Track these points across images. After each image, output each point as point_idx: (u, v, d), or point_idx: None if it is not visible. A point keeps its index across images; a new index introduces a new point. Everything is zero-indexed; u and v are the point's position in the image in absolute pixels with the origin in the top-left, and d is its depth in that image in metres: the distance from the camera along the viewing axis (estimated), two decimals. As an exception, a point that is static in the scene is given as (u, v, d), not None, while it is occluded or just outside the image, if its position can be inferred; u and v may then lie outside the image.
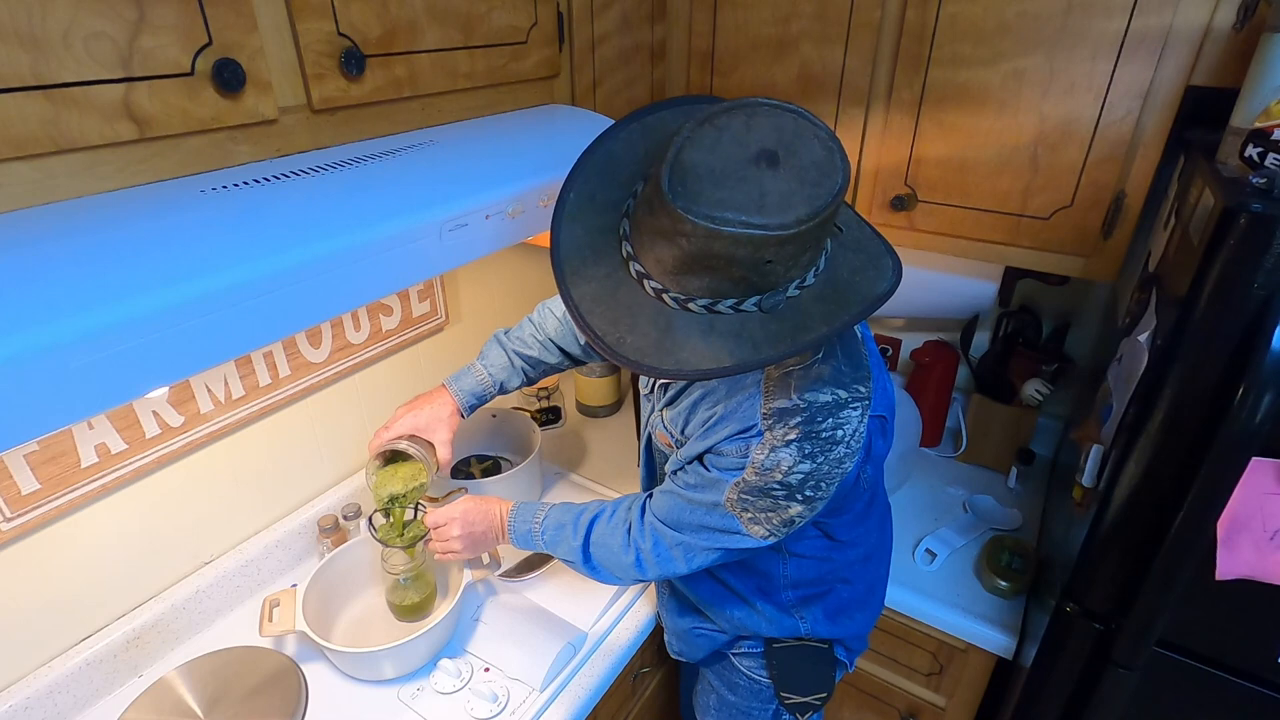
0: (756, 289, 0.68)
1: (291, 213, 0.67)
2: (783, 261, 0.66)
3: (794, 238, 0.63)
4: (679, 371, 0.68)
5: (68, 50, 0.56)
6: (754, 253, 0.64)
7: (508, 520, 1.02)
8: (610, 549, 0.93)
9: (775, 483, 0.79)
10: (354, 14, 0.77)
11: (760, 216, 0.62)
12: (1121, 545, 0.91)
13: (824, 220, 0.64)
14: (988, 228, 1.20)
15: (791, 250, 0.65)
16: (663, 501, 0.89)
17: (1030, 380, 1.47)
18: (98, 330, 0.51)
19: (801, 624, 1.02)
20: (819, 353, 0.79)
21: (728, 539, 0.85)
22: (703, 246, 0.64)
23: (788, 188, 0.64)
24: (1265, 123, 0.81)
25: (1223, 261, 0.73)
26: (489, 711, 0.99)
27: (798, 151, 0.65)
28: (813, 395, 0.78)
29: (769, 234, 0.62)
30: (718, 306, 0.69)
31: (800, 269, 0.68)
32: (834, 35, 1.19)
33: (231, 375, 1.10)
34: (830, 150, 0.66)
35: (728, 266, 0.65)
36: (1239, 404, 0.73)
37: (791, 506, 0.80)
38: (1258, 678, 0.90)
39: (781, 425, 0.78)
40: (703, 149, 0.65)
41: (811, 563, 0.97)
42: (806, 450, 0.77)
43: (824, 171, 0.65)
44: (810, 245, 0.67)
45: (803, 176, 0.64)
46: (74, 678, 0.98)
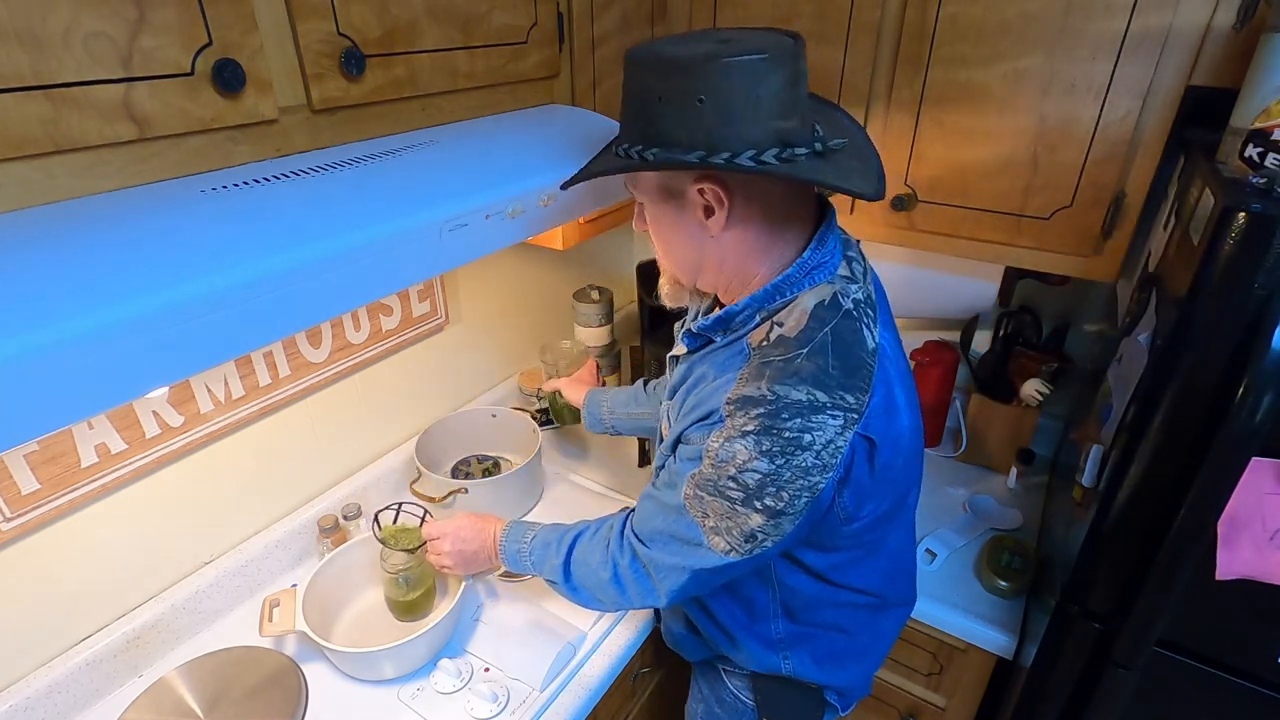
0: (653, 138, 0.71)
1: (291, 213, 0.67)
2: (673, 104, 0.68)
3: (677, 68, 0.67)
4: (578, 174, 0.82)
5: (68, 50, 0.56)
6: (648, 80, 0.69)
7: (499, 539, 1.00)
8: (590, 566, 0.89)
9: (729, 478, 0.73)
10: (354, 14, 0.77)
11: (665, 52, 0.68)
12: (1121, 545, 0.91)
13: (707, 68, 0.66)
14: (988, 228, 1.20)
15: (677, 89, 0.67)
16: (640, 510, 0.86)
17: (1030, 380, 1.46)
18: (98, 330, 0.51)
19: (784, 663, 0.96)
20: (804, 347, 0.73)
21: (693, 554, 0.79)
22: (628, 83, 0.73)
23: (709, 49, 0.67)
24: (1265, 123, 0.81)
25: (1223, 261, 0.73)
26: (489, 711, 0.99)
27: (751, 40, 0.69)
28: (784, 389, 0.71)
29: (659, 57, 0.68)
30: (631, 151, 0.73)
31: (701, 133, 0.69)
32: (834, 35, 1.19)
33: (231, 375, 1.10)
34: (777, 45, 0.68)
35: (636, 104, 0.72)
36: (1239, 404, 0.73)
37: (751, 515, 0.74)
38: (1258, 678, 0.90)
39: (742, 414, 0.72)
40: (684, 34, 0.77)
41: (803, 598, 0.91)
42: (764, 446, 0.71)
43: (747, 46, 0.67)
44: (707, 100, 0.67)
45: (731, 46, 0.68)
46: (74, 678, 0.98)
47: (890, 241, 1.31)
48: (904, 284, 1.46)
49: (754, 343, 0.76)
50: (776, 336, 0.75)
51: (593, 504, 1.40)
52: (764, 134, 0.68)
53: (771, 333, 0.76)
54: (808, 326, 0.74)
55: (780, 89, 0.68)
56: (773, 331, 0.76)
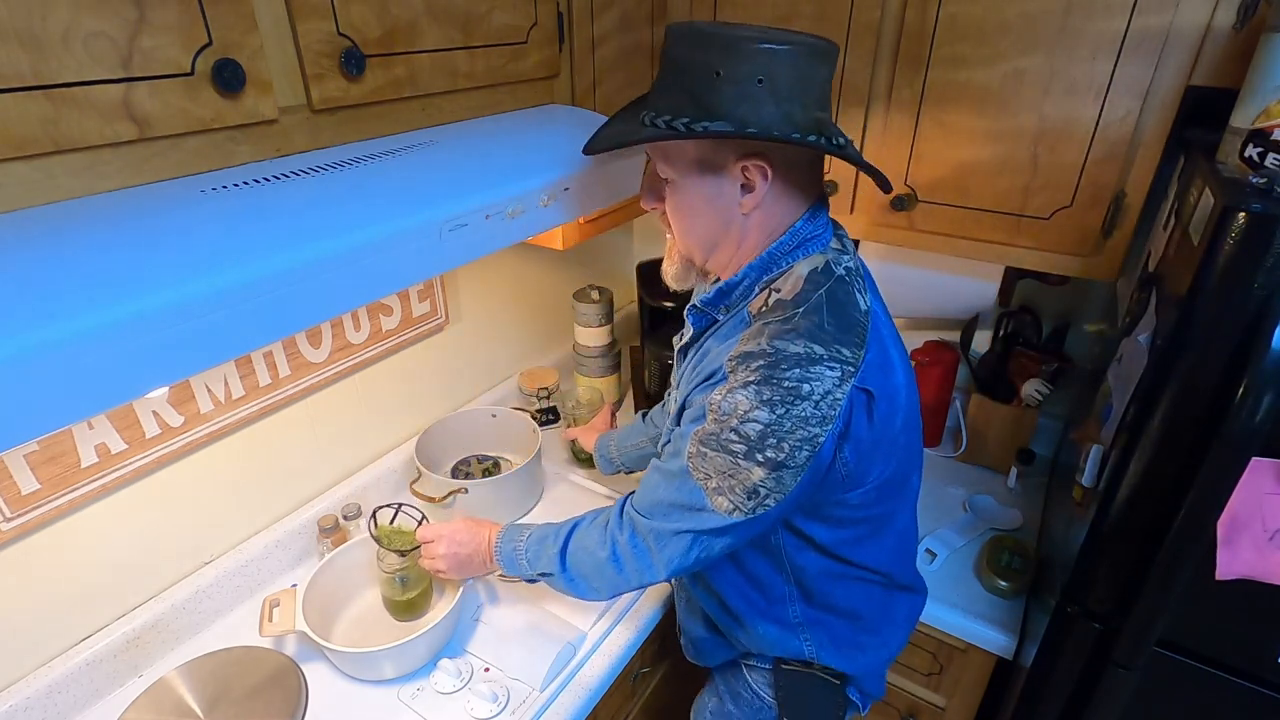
0: (706, 110, 0.72)
1: (291, 213, 0.67)
2: (731, 81, 0.70)
3: (742, 50, 0.69)
4: (603, 139, 0.82)
5: (68, 50, 0.56)
6: (705, 55, 0.70)
7: (494, 542, 1.00)
8: (587, 549, 0.91)
9: (732, 430, 0.75)
10: (354, 14, 0.77)
11: (722, 30, 0.70)
12: (1121, 545, 0.91)
13: (774, 52, 0.69)
14: (988, 228, 1.20)
15: (740, 69, 0.69)
16: (641, 486, 0.88)
17: (1030, 380, 1.46)
18: (98, 330, 0.51)
19: (806, 645, 0.97)
20: (800, 307, 0.77)
21: (695, 517, 0.80)
22: (673, 52, 0.74)
23: (759, 33, 0.70)
24: (1265, 123, 0.81)
25: (1223, 261, 0.73)
26: (489, 711, 0.99)
27: (794, 35, 0.72)
28: (782, 343, 0.75)
29: (719, 34, 0.69)
30: (675, 123, 0.73)
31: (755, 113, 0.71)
32: (834, 35, 1.19)
33: (231, 375, 1.10)
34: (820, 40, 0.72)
35: (684, 74, 0.73)
36: (1239, 404, 0.73)
37: (753, 469, 0.75)
38: (1258, 678, 0.90)
39: (744, 367, 0.76)
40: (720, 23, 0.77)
41: (814, 575, 0.92)
42: (765, 396, 0.74)
43: (800, 39, 0.70)
44: (767, 79, 0.70)
45: (779, 36, 0.70)
46: (74, 678, 0.98)
47: (890, 241, 1.31)
48: (904, 284, 1.46)
49: (754, 310, 0.81)
50: (775, 301, 0.79)
51: (593, 504, 1.40)
52: (808, 120, 0.73)
53: (770, 298, 0.80)
54: (803, 290, 0.78)
55: (826, 81, 0.75)
56: (771, 297, 0.80)
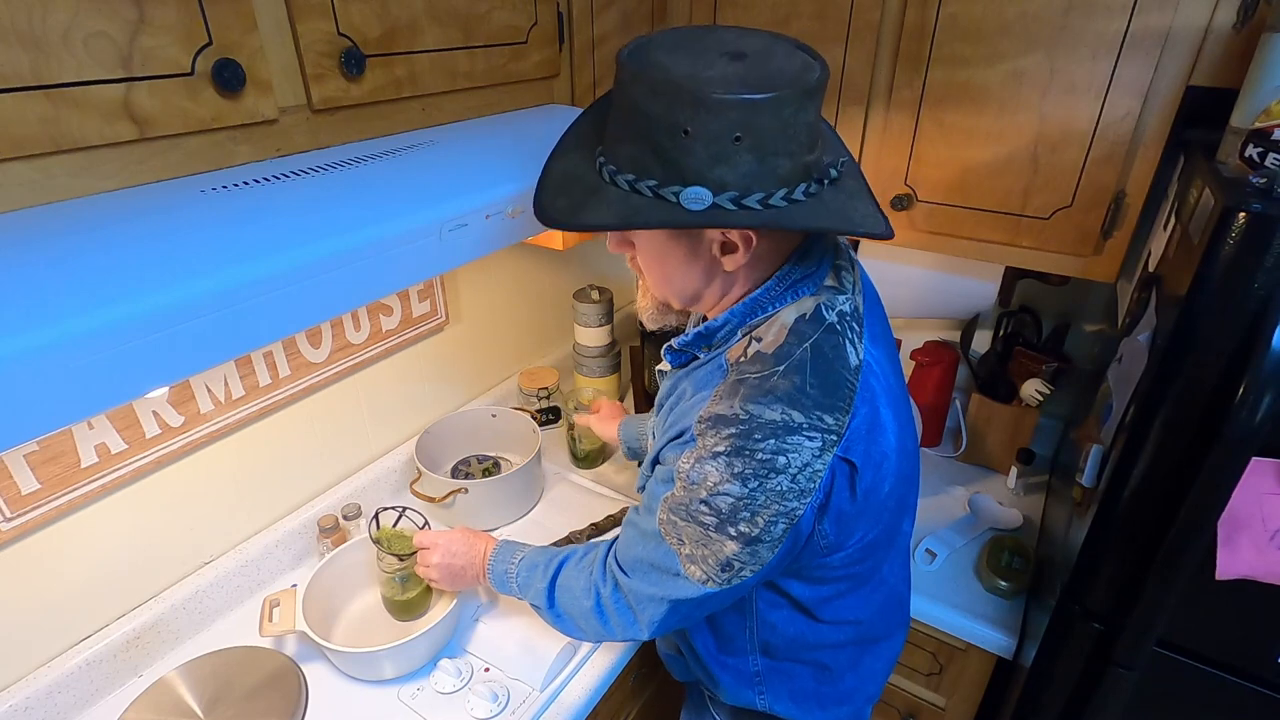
0: (677, 173, 0.63)
1: (291, 213, 0.67)
2: (703, 139, 0.61)
3: (712, 105, 0.59)
4: (573, 225, 0.69)
5: (68, 50, 0.56)
6: (669, 111, 0.60)
7: (488, 557, 0.99)
8: (573, 593, 0.87)
9: (701, 502, 0.70)
10: (354, 14, 0.77)
11: (687, 79, 0.60)
12: (1121, 545, 0.91)
13: (753, 105, 0.59)
14: (988, 228, 1.20)
15: (713, 127, 0.60)
16: (622, 537, 0.84)
17: (1030, 380, 1.46)
18: (98, 330, 0.51)
19: (760, 699, 0.92)
20: (781, 364, 0.69)
21: (670, 584, 0.76)
22: (628, 97, 0.64)
23: (735, 73, 0.61)
24: (1265, 123, 0.81)
25: (1223, 261, 0.73)
26: (489, 711, 0.99)
27: (773, 59, 0.63)
28: (757, 408, 0.68)
29: (685, 88, 0.59)
30: (639, 184, 0.65)
31: (736, 175, 0.62)
32: (834, 35, 1.19)
33: (231, 375, 1.10)
34: (806, 69, 0.62)
35: (647, 128, 0.63)
36: (1239, 404, 0.73)
37: (725, 542, 0.70)
38: (1258, 678, 0.91)
39: (713, 433, 0.69)
40: (681, 35, 0.66)
41: (782, 633, 0.87)
42: (736, 469, 0.68)
43: (783, 76, 0.61)
44: (743, 139, 0.60)
45: (756, 70, 0.61)
46: (74, 678, 0.98)
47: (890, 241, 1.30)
48: (904, 284, 1.46)
49: (731, 358, 0.74)
50: (754, 352, 0.72)
51: (593, 504, 1.40)
52: (793, 169, 0.64)
53: (749, 348, 0.73)
54: (786, 342, 0.71)
55: (813, 119, 0.65)
56: (750, 347, 0.73)
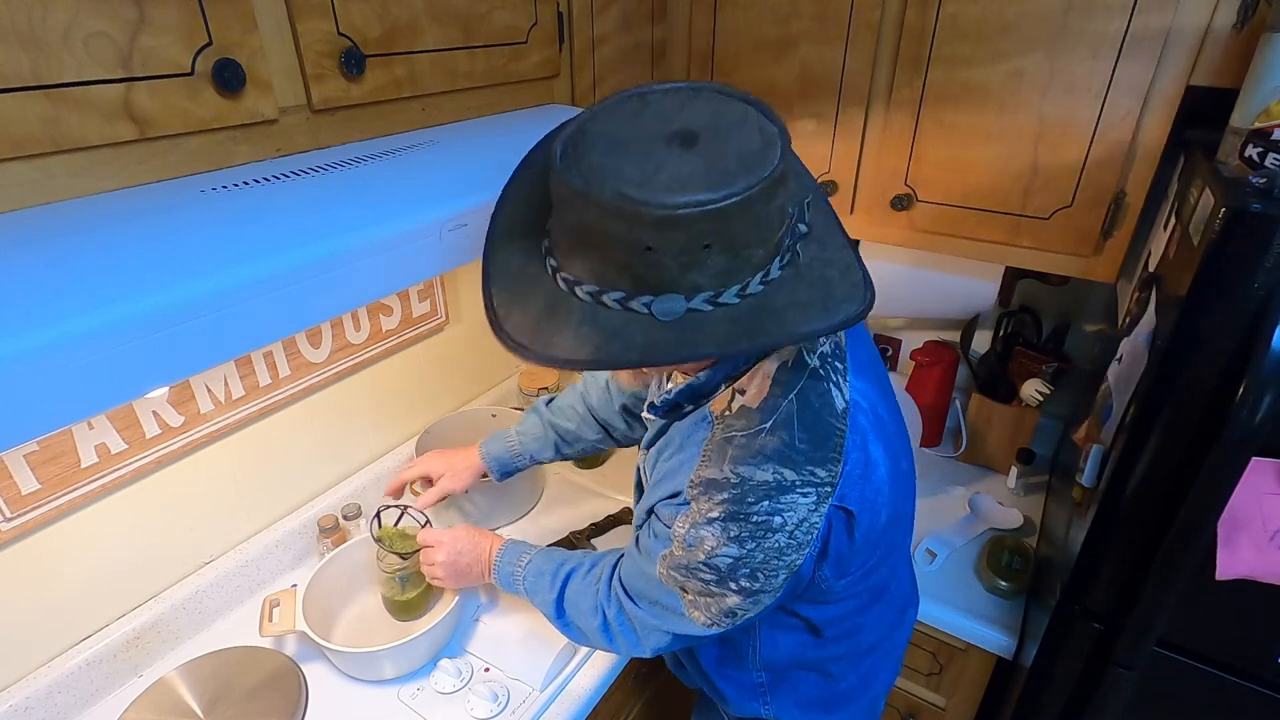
0: (646, 285, 0.58)
1: (291, 213, 0.67)
2: (670, 254, 0.56)
3: (677, 222, 0.54)
4: (542, 357, 0.62)
5: (68, 50, 0.56)
6: (629, 231, 0.55)
7: (494, 558, 0.99)
8: (580, 608, 0.87)
9: (700, 563, 0.70)
10: (354, 14, 0.77)
11: (641, 191, 0.54)
12: (1121, 545, 0.91)
13: (723, 213, 0.54)
14: (988, 228, 1.20)
15: (678, 241, 0.55)
16: (626, 564, 0.84)
17: (1030, 380, 1.46)
18: (98, 330, 0.51)
19: (765, 709, 0.92)
20: (767, 420, 0.67)
21: (674, 621, 0.77)
22: (579, 216, 0.58)
23: (691, 170, 0.55)
24: (1265, 123, 0.81)
25: (1223, 261, 0.73)
26: (489, 711, 0.99)
27: (726, 138, 0.57)
28: (748, 470, 0.66)
29: (643, 209, 0.54)
30: (604, 296, 0.60)
31: (708, 276, 0.58)
32: (834, 35, 1.19)
33: (231, 375, 1.10)
34: (767, 145, 0.57)
35: (606, 245, 0.57)
36: (1239, 404, 0.73)
37: (728, 596, 0.71)
38: (1258, 678, 0.91)
39: (707, 498, 0.68)
40: (616, 119, 0.60)
41: (787, 649, 0.87)
42: (732, 533, 0.67)
43: (745, 164, 0.55)
44: (713, 245, 0.56)
45: (715, 163, 0.56)
46: (74, 678, 0.98)
47: (890, 241, 1.31)
48: (904, 284, 1.46)
49: (716, 411, 0.72)
50: (739, 407, 0.70)
51: (593, 504, 1.40)
52: (767, 252, 0.60)
53: (733, 401, 0.71)
54: (770, 395, 0.69)
55: (784, 201, 0.60)
56: (734, 400, 0.71)
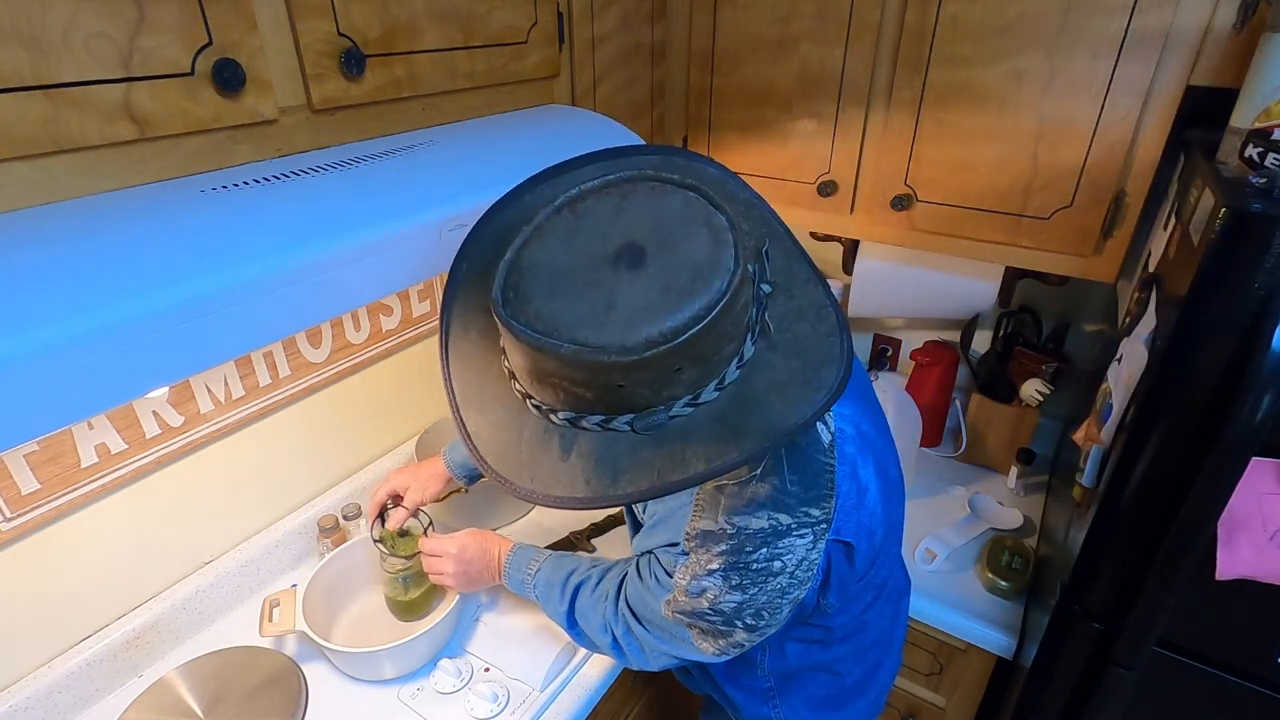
0: (622, 409, 0.55)
1: (292, 213, 0.67)
2: (643, 385, 0.53)
3: (644, 364, 0.50)
4: (533, 494, 0.58)
5: (68, 50, 0.56)
6: (594, 377, 0.52)
7: (504, 563, 1.00)
8: (590, 623, 0.89)
9: (706, 609, 0.70)
10: (354, 14, 0.77)
11: (598, 335, 0.50)
12: (1121, 545, 0.91)
13: (689, 341, 0.51)
14: (988, 228, 1.20)
15: (648, 376, 0.52)
16: (630, 589, 0.83)
17: (1030, 380, 1.47)
18: (98, 330, 0.51)
19: (775, 712, 0.94)
20: (757, 468, 0.66)
21: (681, 648, 0.78)
22: (534, 362, 0.54)
23: (645, 298, 0.51)
24: (1265, 123, 0.81)
25: (1223, 261, 0.73)
26: (489, 711, 0.99)
27: (675, 246, 0.53)
28: (743, 520, 0.66)
29: (604, 360, 0.50)
30: (583, 422, 0.57)
31: (684, 388, 0.55)
32: (834, 35, 1.19)
33: (231, 375, 1.10)
34: (719, 245, 0.53)
35: (572, 385, 0.54)
36: (1239, 404, 0.73)
37: (735, 633, 0.72)
38: (1258, 678, 0.90)
39: (704, 550, 0.68)
40: (552, 243, 0.56)
41: (795, 656, 0.89)
42: (734, 581, 0.68)
43: (700, 276, 0.52)
44: (684, 368, 0.53)
45: (670, 282, 0.52)
46: (74, 678, 0.98)
47: (890, 241, 1.31)
48: (904, 284, 1.46)
49: None
50: None
51: (593, 504, 1.40)
52: (737, 344, 0.58)
53: None
54: None
55: (747, 295, 0.56)
56: None
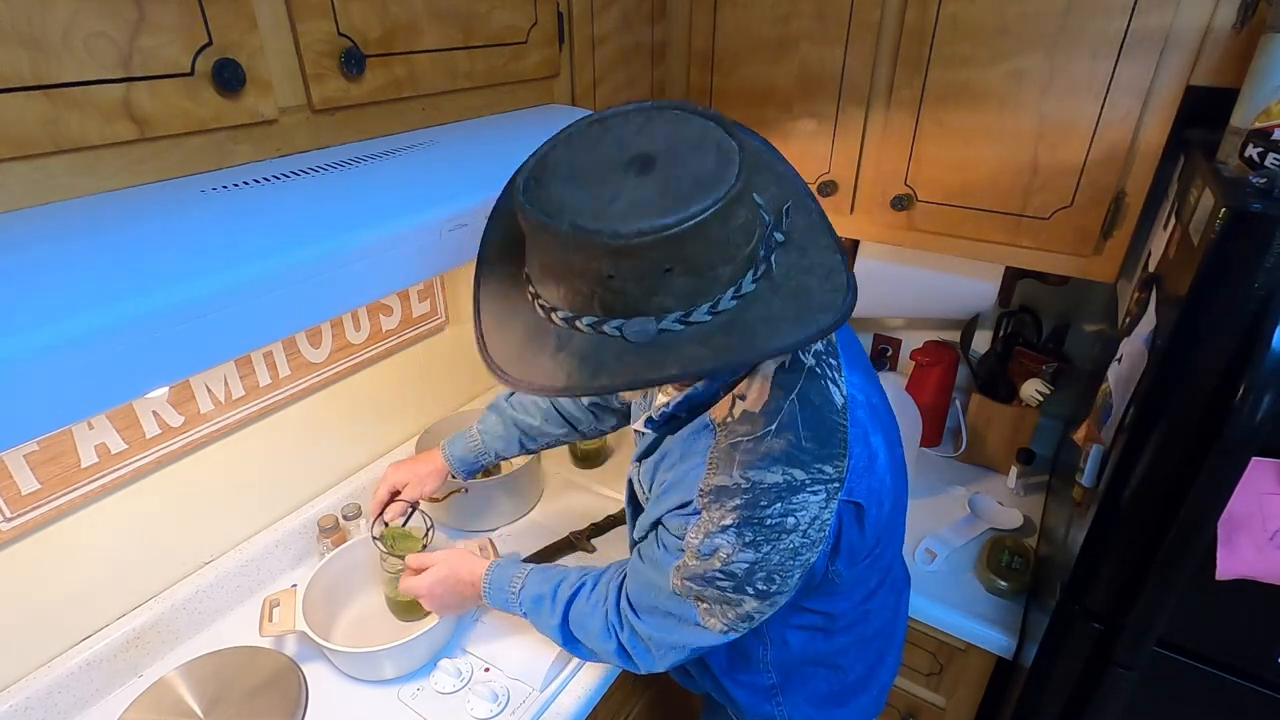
0: (615, 310, 0.59)
1: (292, 213, 0.67)
2: (631, 280, 0.57)
3: (631, 251, 0.54)
4: (518, 381, 0.63)
5: (68, 50, 0.56)
6: (588, 262, 0.56)
7: (483, 587, 0.96)
8: (590, 632, 0.86)
9: (717, 571, 0.70)
10: (354, 14, 0.77)
11: (596, 221, 0.55)
12: (1121, 545, 0.91)
13: (677, 238, 0.54)
14: (988, 228, 1.20)
15: (637, 268, 0.56)
16: (632, 581, 0.83)
17: (1030, 380, 1.46)
18: (97, 330, 0.51)
19: (779, 710, 0.94)
20: (772, 423, 0.68)
21: (688, 632, 0.77)
22: (543, 248, 0.60)
23: (645, 196, 0.56)
24: (1265, 123, 0.81)
25: (1223, 261, 0.73)
26: (489, 711, 0.99)
27: (683, 160, 0.58)
28: (758, 474, 0.67)
29: (598, 241, 0.54)
30: (578, 322, 0.61)
31: (675, 298, 0.58)
32: (834, 35, 1.19)
33: (231, 375, 1.10)
34: (725, 164, 0.57)
35: (571, 275, 0.59)
36: (1239, 404, 0.73)
37: (745, 600, 0.71)
38: (1258, 678, 0.91)
39: (719, 506, 0.69)
40: (576, 147, 0.62)
41: (798, 646, 0.89)
42: (748, 538, 0.68)
43: (700, 185, 0.55)
44: (674, 269, 0.56)
45: (670, 187, 0.56)
46: (74, 678, 0.98)
47: (890, 241, 1.31)
48: (904, 284, 1.46)
49: (717, 418, 0.72)
50: (741, 412, 0.70)
51: (593, 504, 1.40)
52: (736, 268, 0.60)
53: (734, 407, 0.71)
54: (772, 397, 0.69)
55: (746, 217, 0.59)
56: (735, 406, 0.71)
